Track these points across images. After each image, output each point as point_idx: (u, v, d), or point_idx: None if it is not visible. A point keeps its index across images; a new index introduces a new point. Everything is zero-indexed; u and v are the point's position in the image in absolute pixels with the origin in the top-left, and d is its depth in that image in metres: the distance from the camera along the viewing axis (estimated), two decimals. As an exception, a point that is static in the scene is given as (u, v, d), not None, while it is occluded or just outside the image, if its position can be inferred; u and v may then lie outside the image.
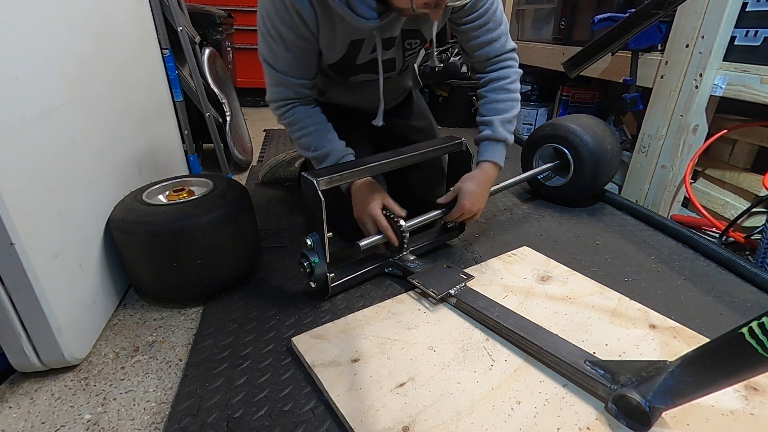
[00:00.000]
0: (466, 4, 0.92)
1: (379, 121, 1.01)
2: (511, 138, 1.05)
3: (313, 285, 0.92)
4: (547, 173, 1.46)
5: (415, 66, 1.25)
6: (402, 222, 0.97)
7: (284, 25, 0.85)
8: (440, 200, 1.06)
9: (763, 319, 0.46)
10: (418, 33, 0.99)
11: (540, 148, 1.47)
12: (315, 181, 0.84)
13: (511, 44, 1.04)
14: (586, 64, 1.58)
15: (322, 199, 0.83)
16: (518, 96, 1.06)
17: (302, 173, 0.88)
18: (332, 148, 0.98)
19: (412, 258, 1.04)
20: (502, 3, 1.00)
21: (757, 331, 0.47)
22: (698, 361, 0.55)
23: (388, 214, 0.98)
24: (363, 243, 0.94)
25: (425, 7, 0.79)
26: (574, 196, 1.43)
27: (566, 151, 1.38)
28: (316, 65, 0.97)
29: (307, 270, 0.90)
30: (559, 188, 1.45)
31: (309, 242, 0.88)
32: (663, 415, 0.63)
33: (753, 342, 0.47)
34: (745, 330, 0.48)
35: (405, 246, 1.01)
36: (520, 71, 1.07)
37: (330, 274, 0.92)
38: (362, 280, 1.02)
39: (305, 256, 0.89)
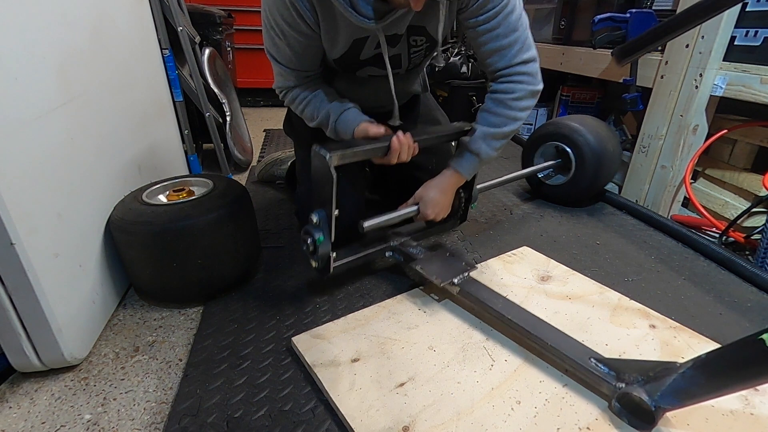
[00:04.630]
0: None
1: (395, 121, 1.00)
2: (488, 154, 0.97)
3: (314, 264, 0.88)
4: (548, 171, 1.46)
5: (424, 70, 1.24)
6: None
7: (285, 22, 0.85)
8: (401, 207, 1.00)
9: (784, 328, 0.46)
10: (423, 30, 0.97)
11: (542, 147, 1.47)
12: (328, 156, 0.77)
13: (526, 55, 0.91)
14: (638, 54, 1.43)
15: (334, 175, 0.78)
16: (519, 114, 0.94)
17: (313, 146, 0.80)
18: (330, 107, 0.96)
19: (414, 244, 1.02)
20: (523, 11, 0.89)
21: (778, 339, 0.47)
22: (713, 365, 0.55)
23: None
24: (366, 224, 0.92)
25: None
26: (575, 195, 1.42)
27: (568, 149, 1.38)
28: (320, 58, 0.97)
29: (310, 248, 0.85)
30: (559, 187, 1.44)
31: (315, 219, 0.82)
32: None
33: (773, 350, 0.47)
34: (765, 336, 0.48)
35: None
36: (534, 87, 0.92)
37: (333, 253, 0.88)
38: (364, 262, 0.99)
39: (309, 233, 0.84)
